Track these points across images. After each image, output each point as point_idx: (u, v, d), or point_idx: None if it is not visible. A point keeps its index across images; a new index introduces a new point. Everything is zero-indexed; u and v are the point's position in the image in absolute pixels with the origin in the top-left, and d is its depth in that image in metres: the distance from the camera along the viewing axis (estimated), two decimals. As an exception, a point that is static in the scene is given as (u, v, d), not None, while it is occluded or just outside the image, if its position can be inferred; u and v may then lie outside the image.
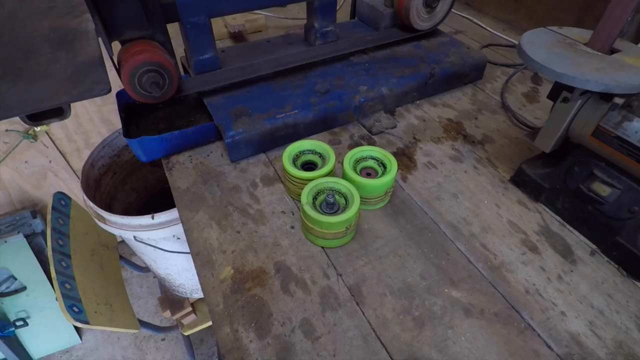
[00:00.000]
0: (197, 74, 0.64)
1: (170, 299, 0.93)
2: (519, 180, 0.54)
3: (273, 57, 0.68)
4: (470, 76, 0.75)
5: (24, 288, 1.24)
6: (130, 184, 0.87)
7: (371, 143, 0.62)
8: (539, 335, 0.39)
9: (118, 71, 0.52)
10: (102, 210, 0.67)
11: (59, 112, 0.41)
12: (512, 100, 0.71)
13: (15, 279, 1.23)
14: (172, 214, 0.67)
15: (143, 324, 0.86)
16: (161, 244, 0.71)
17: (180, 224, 0.52)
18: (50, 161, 1.24)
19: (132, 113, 0.62)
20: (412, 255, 0.46)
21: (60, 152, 1.24)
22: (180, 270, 0.84)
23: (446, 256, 0.46)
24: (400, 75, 0.68)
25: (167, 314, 0.91)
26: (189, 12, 0.57)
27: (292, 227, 0.49)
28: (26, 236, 1.22)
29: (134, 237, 0.68)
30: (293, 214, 0.51)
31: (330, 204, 0.45)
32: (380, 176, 0.50)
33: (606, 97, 0.42)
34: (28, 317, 1.28)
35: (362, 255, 0.46)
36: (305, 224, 0.45)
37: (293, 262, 0.45)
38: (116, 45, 0.53)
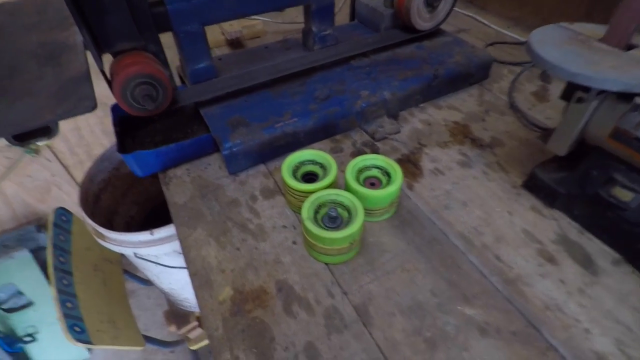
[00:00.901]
0: (192, 83, 0.62)
1: (176, 313, 0.91)
2: (532, 186, 0.51)
3: (271, 63, 0.66)
4: (476, 76, 0.72)
5: (31, 303, 1.24)
6: (131, 197, 0.86)
7: (374, 150, 0.60)
8: (562, 356, 0.36)
9: (110, 85, 0.51)
10: (101, 227, 0.65)
11: (46, 131, 0.39)
12: (521, 99, 0.68)
13: (22, 295, 1.23)
14: (172, 229, 0.65)
15: (148, 339, 0.84)
16: (162, 260, 0.70)
17: (178, 242, 0.50)
18: (53, 175, 1.24)
19: (127, 126, 0.60)
20: (422, 270, 0.43)
21: (63, 165, 1.24)
22: (184, 285, 0.82)
23: (458, 270, 0.43)
24: (402, 77, 0.65)
25: (173, 328, 0.89)
26: (182, 20, 0.55)
27: (294, 243, 0.47)
28: (32, 251, 1.21)
29: (134, 253, 0.66)
30: (295, 228, 0.49)
31: (333, 218, 0.42)
32: (385, 186, 0.47)
33: (625, 96, 0.39)
34: (36, 332, 1.27)
35: (368, 271, 0.43)
36: (307, 239, 0.43)
37: (295, 281, 0.43)
38: (108, 59, 0.51)
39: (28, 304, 1.23)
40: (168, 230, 0.65)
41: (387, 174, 0.48)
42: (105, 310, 0.76)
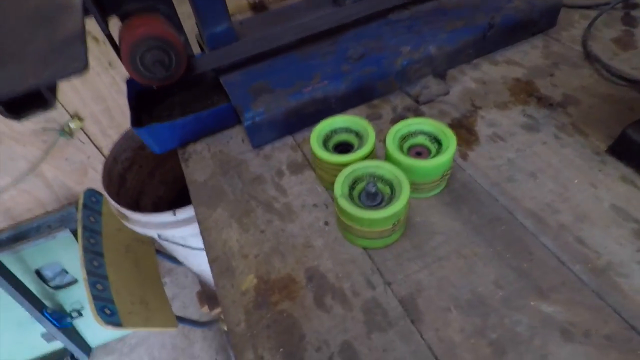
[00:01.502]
0: (211, 49, 0.56)
1: (208, 294, 0.89)
2: (622, 150, 0.41)
3: (297, 22, 0.58)
4: (540, 24, 0.60)
5: (75, 281, 1.28)
6: (158, 176, 0.83)
7: (419, 115, 0.51)
8: (680, 371, 0.27)
9: (118, 51, 0.45)
10: (123, 208, 0.62)
11: (42, 102, 0.35)
12: (599, 48, 0.56)
13: (67, 273, 1.27)
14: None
15: (181, 320, 0.82)
16: (189, 242, 0.66)
17: (199, 223, 0.45)
18: (88, 157, 1.25)
19: (145, 102, 0.55)
20: (482, 256, 0.35)
21: (96, 147, 1.24)
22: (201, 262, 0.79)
23: (528, 256, 0.35)
24: (451, 29, 0.55)
25: (206, 309, 0.87)
26: None
27: (327, 224, 0.40)
28: (72, 231, 1.25)
29: (158, 235, 0.63)
30: (327, 207, 0.42)
31: (372, 195, 0.35)
32: (435, 155, 0.39)
33: None
34: (82, 308, 1.32)
35: (415, 257, 0.36)
36: (341, 220, 0.36)
37: (328, 268, 0.37)
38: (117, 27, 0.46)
39: (73, 282, 1.27)
40: (191, 210, 0.60)
41: (437, 141, 0.40)
42: (137, 292, 0.74)
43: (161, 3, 0.48)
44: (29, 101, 0.34)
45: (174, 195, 0.88)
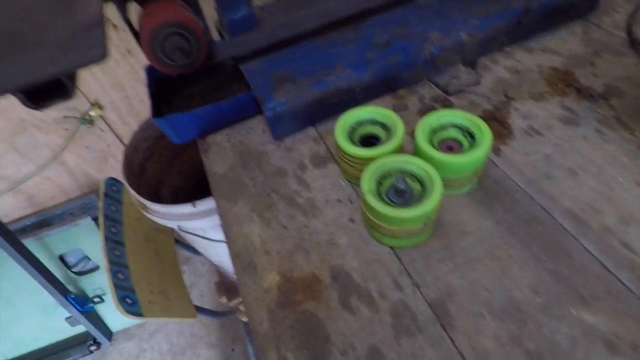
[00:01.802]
0: (231, 36, 0.54)
1: (226, 285, 0.90)
2: (673, 147, 0.38)
3: (318, 7, 0.55)
4: (579, 8, 0.56)
5: (97, 267, 1.31)
6: (177, 166, 0.83)
7: (447, 106, 0.49)
8: None
9: (137, 38, 0.44)
10: (143, 199, 0.62)
11: (62, 91, 0.34)
12: (646, 35, 0.52)
13: (89, 259, 1.30)
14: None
15: (200, 310, 0.83)
16: (208, 233, 0.66)
17: (219, 217, 0.44)
18: (108, 145, 1.26)
19: (165, 90, 0.54)
20: (517, 258, 0.33)
21: (116, 135, 1.25)
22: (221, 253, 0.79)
23: (568, 260, 0.33)
24: (483, 14, 0.52)
25: (224, 299, 0.88)
26: None
27: (352, 220, 0.39)
28: (94, 218, 1.27)
29: (178, 227, 0.62)
30: (351, 202, 0.40)
31: (401, 192, 0.33)
32: (468, 150, 0.37)
33: None
34: (104, 294, 1.35)
35: (445, 257, 0.34)
36: (367, 218, 0.35)
37: (354, 267, 0.35)
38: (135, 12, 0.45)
39: (95, 268, 1.30)
40: (211, 202, 0.60)
41: (470, 135, 0.38)
42: (156, 281, 0.75)
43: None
44: (49, 90, 0.33)
45: (192, 185, 0.88)
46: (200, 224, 0.61)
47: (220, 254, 0.77)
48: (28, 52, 0.31)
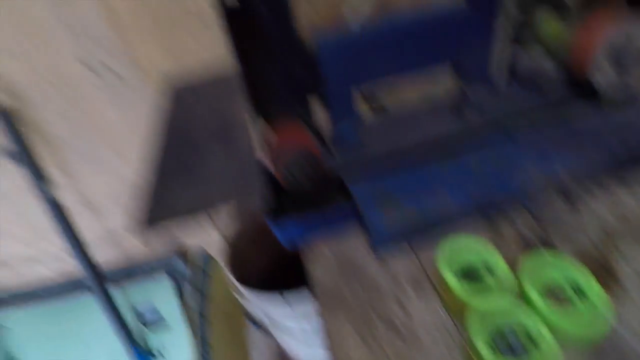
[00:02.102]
0: (337, 151, 0.61)
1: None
2: None
3: (418, 133, 0.61)
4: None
5: (165, 324, 1.37)
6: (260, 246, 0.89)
7: (542, 238, 0.50)
8: None
9: (268, 154, 0.52)
10: (240, 285, 0.67)
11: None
12: None
13: (159, 314, 1.37)
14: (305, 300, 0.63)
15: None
16: (295, 332, 0.69)
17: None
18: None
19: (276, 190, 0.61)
20: None
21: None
22: (297, 343, 0.80)
23: None
24: (582, 151, 0.54)
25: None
26: (335, 81, 0.54)
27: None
28: (171, 276, 1.36)
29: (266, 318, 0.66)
30: (451, 335, 0.41)
31: (511, 347, 0.34)
32: (578, 305, 0.37)
33: None
34: (164, 349, 1.40)
35: (557, 421, 0.34)
36: (475, 363, 0.36)
37: (458, 413, 0.35)
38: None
39: (162, 324, 1.37)
40: (305, 304, 0.63)
41: (579, 289, 0.38)
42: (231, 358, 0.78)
43: (300, 106, 0.55)
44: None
45: (273, 267, 0.93)
46: (289, 323, 0.64)
47: (291, 339, 0.79)
48: (200, 184, 0.39)
